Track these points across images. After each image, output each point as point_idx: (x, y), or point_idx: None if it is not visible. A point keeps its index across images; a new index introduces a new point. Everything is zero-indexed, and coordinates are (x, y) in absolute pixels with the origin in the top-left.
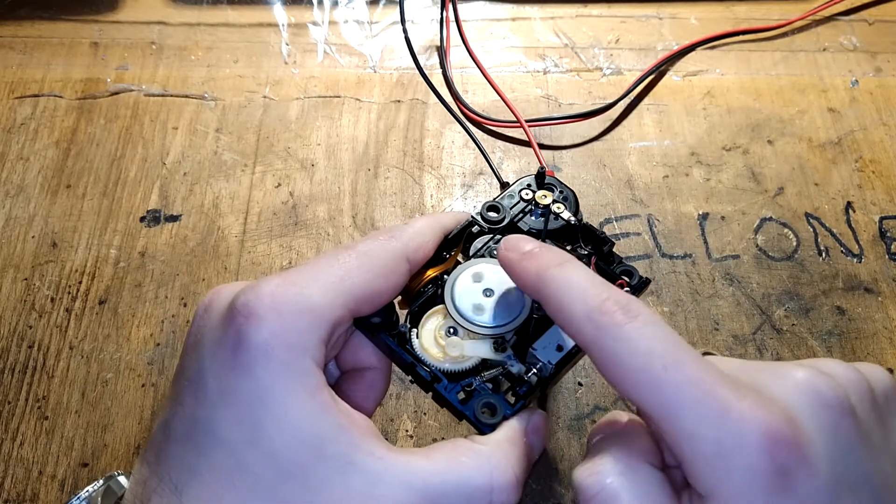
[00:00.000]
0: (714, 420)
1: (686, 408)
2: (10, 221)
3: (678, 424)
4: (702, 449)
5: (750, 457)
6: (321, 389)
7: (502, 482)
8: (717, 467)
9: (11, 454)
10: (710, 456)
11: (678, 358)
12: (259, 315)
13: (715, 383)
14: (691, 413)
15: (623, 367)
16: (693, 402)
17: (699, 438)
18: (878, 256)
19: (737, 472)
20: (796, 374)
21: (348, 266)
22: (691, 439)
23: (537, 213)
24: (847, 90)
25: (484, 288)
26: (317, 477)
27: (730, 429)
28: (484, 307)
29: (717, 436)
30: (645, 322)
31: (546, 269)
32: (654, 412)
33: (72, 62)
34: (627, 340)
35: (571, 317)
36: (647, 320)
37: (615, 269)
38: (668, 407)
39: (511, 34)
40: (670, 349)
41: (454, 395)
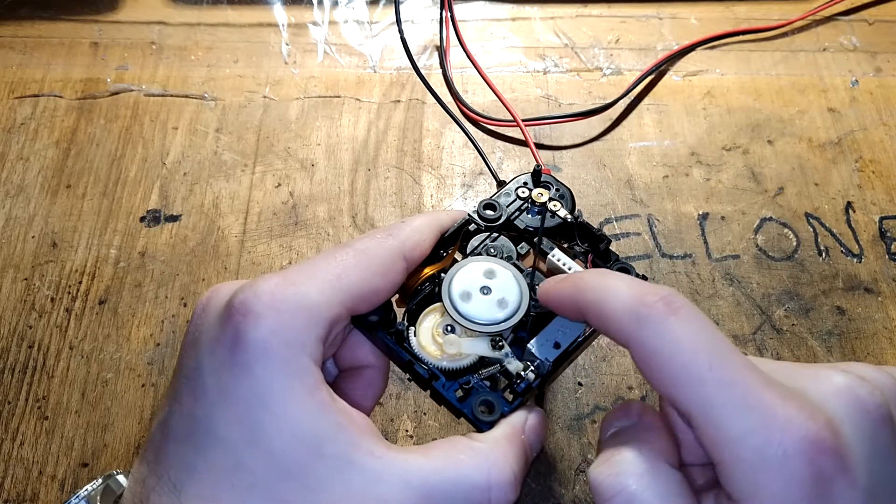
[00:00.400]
0: (759, 425)
1: (730, 410)
2: (10, 221)
3: (720, 427)
4: (744, 454)
5: (792, 464)
6: (319, 388)
7: (500, 479)
8: (757, 473)
9: (11, 454)
10: (751, 461)
11: (724, 357)
12: (257, 313)
13: (761, 386)
14: (736, 416)
15: (665, 364)
16: (738, 406)
17: (742, 443)
18: (878, 256)
19: (778, 479)
20: (836, 379)
21: (346, 264)
22: (733, 443)
23: (534, 210)
24: (847, 90)
25: (481, 286)
26: (316, 476)
27: (774, 435)
28: (481, 305)
29: (761, 442)
30: (688, 316)
31: (583, 280)
32: (695, 412)
33: (72, 62)
34: (670, 335)
35: (613, 314)
36: (690, 313)
37: (612, 267)
38: (712, 408)
39: (511, 34)
40: (716, 347)
41: (452, 393)
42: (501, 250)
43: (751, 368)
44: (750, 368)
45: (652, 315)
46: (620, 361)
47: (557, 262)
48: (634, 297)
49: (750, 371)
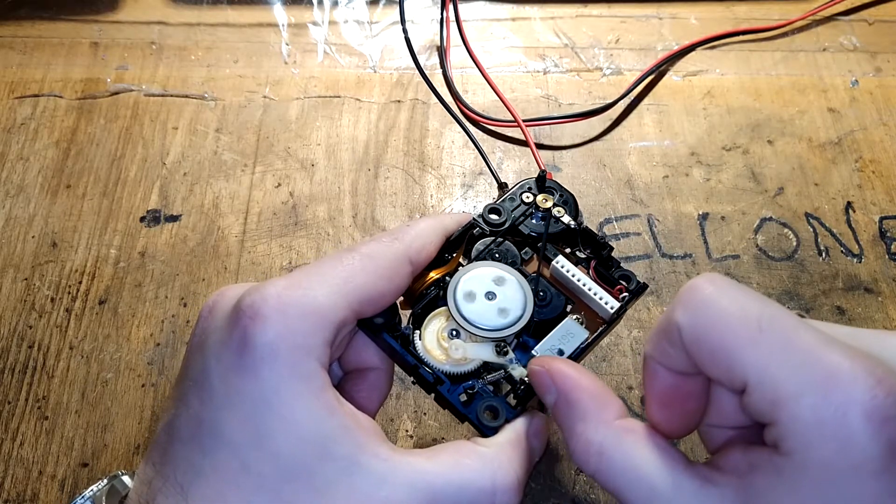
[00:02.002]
0: (818, 382)
1: (787, 369)
2: (10, 221)
3: (777, 387)
4: (800, 413)
5: (856, 426)
6: (326, 391)
7: (505, 484)
8: (812, 433)
9: (11, 454)
10: (807, 421)
11: (775, 316)
12: (265, 316)
13: (820, 344)
14: (793, 374)
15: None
16: (796, 363)
17: (798, 401)
18: (878, 256)
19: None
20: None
21: (352, 268)
22: (790, 401)
23: (538, 216)
24: (847, 90)
25: (486, 291)
26: (322, 478)
27: (835, 394)
28: (486, 310)
29: (819, 400)
30: (728, 284)
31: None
32: (751, 376)
33: (72, 62)
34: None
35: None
36: (729, 282)
37: (614, 274)
38: (766, 368)
39: (511, 34)
40: (765, 307)
41: (456, 398)
42: (506, 255)
43: (808, 328)
44: (808, 328)
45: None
46: (620, 361)
47: (561, 268)
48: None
49: (807, 330)
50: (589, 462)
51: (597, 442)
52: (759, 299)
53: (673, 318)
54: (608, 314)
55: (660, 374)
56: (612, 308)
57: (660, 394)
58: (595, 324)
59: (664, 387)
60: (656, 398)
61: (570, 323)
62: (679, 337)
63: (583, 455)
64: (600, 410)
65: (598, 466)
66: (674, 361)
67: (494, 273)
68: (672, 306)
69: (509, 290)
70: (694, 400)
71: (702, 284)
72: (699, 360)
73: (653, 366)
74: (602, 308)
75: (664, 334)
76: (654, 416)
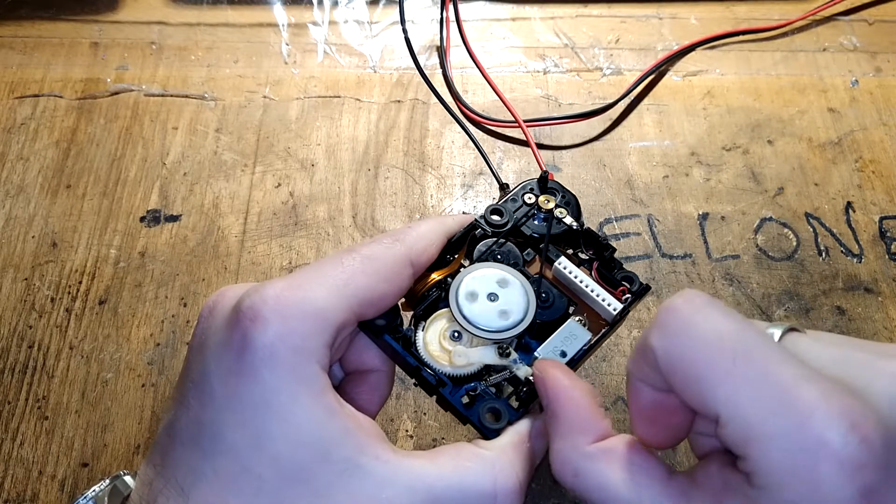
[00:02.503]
0: (792, 427)
1: (760, 407)
2: (10, 221)
3: (749, 425)
4: (772, 454)
5: (829, 471)
6: (326, 393)
7: (506, 487)
8: (784, 477)
9: (11, 454)
10: (779, 463)
11: (752, 347)
12: (264, 318)
13: (796, 380)
14: (766, 414)
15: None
16: (769, 402)
17: (770, 443)
18: (878, 256)
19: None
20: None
21: (353, 269)
22: (761, 442)
23: (540, 217)
24: (847, 90)
25: (488, 292)
26: (322, 481)
27: (809, 436)
28: (488, 311)
29: (792, 445)
30: (706, 305)
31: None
32: (722, 411)
33: (72, 62)
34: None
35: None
36: (707, 303)
37: (616, 276)
38: (737, 405)
39: (511, 34)
40: (741, 336)
41: (458, 400)
42: (508, 256)
43: (786, 360)
44: (785, 360)
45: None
46: (620, 361)
47: (564, 269)
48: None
49: (784, 362)
50: (566, 479)
51: (573, 461)
52: (737, 325)
53: (648, 342)
54: (611, 316)
55: (642, 391)
56: (615, 309)
57: (642, 410)
58: (598, 325)
59: (646, 403)
60: (639, 414)
61: (572, 325)
62: (655, 360)
63: (559, 470)
64: (582, 430)
65: (574, 485)
66: (653, 380)
67: (498, 275)
68: (650, 327)
69: (512, 293)
70: (677, 415)
71: (679, 306)
72: (673, 385)
73: (634, 382)
74: (604, 309)
75: (643, 355)
76: (639, 430)
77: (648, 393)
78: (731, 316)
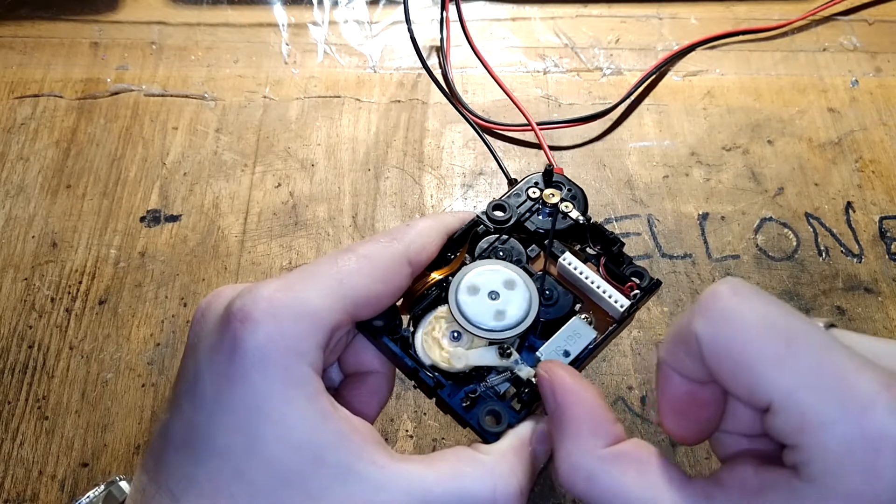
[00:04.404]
0: (852, 412)
1: (817, 393)
2: (10, 221)
3: (805, 412)
4: (829, 442)
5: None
6: (319, 396)
7: (506, 494)
8: (841, 464)
9: (11, 454)
10: (836, 451)
11: (803, 333)
12: (255, 319)
13: (851, 367)
14: (823, 400)
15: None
16: (826, 388)
17: (828, 430)
18: (878, 256)
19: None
20: None
21: (348, 269)
22: (819, 430)
23: (545, 212)
24: (847, 90)
25: (489, 291)
26: (316, 485)
27: (871, 425)
28: (485, 309)
29: (852, 431)
30: (752, 292)
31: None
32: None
33: (72, 62)
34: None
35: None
36: (753, 290)
37: (625, 271)
38: (794, 392)
39: (511, 34)
40: (793, 321)
41: (458, 402)
42: (511, 253)
43: (839, 347)
44: (838, 347)
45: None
46: (620, 361)
47: (569, 265)
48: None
49: (838, 349)
50: (576, 485)
51: (585, 466)
52: (785, 311)
53: (692, 328)
54: (618, 313)
55: (674, 380)
56: (622, 306)
57: (674, 401)
58: (604, 323)
59: (679, 394)
60: (670, 405)
61: (577, 322)
62: (698, 348)
63: (569, 477)
64: (595, 433)
65: (587, 491)
66: (690, 370)
67: (507, 275)
68: (691, 313)
69: (515, 296)
70: (710, 409)
71: (724, 292)
72: (718, 374)
73: (667, 371)
74: (612, 306)
75: (682, 343)
76: (667, 422)
77: (681, 384)
78: (779, 303)
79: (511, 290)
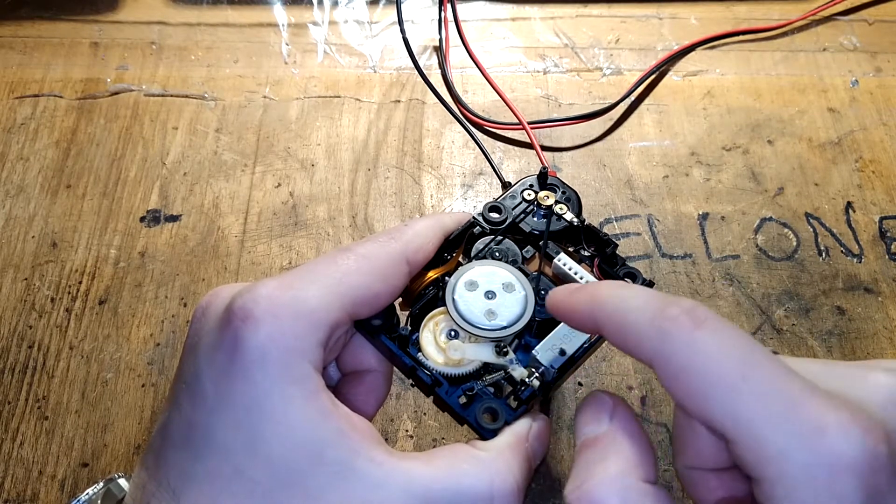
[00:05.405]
0: (807, 439)
1: (772, 423)
2: (10, 221)
3: (762, 442)
4: (790, 470)
5: (845, 482)
6: (319, 393)
7: (503, 490)
8: (804, 491)
9: (11, 454)
10: (797, 478)
11: (758, 364)
12: (256, 318)
13: (805, 394)
14: (779, 429)
15: (694, 379)
16: (780, 417)
17: (787, 458)
18: (878, 256)
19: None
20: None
21: (347, 268)
22: (777, 459)
23: (539, 213)
24: (847, 90)
25: (486, 290)
26: (316, 483)
27: (825, 449)
28: (486, 310)
29: (809, 457)
30: (716, 327)
31: (598, 292)
32: (731, 427)
33: (72, 62)
34: (697, 347)
35: (632, 330)
36: (716, 324)
37: (618, 272)
38: (750, 422)
39: (511, 34)
40: (749, 354)
41: (455, 400)
42: (506, 254)
43: (791, 375)
44: (790, 375)
45: (676, 329)
46: (620, 361)
47: (563, 266)
48: (656, 311)
49: (790, 378)
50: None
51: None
52: (741, 339)
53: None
54: None
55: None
56: None
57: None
58: None
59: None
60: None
61: None
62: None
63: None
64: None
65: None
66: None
67: (507, 277)
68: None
69: (511, 299)
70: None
71: (682, 319)
72: (676, 397)
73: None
74: None
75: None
76: None
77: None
78: (735, 329)
79: (507, 293)
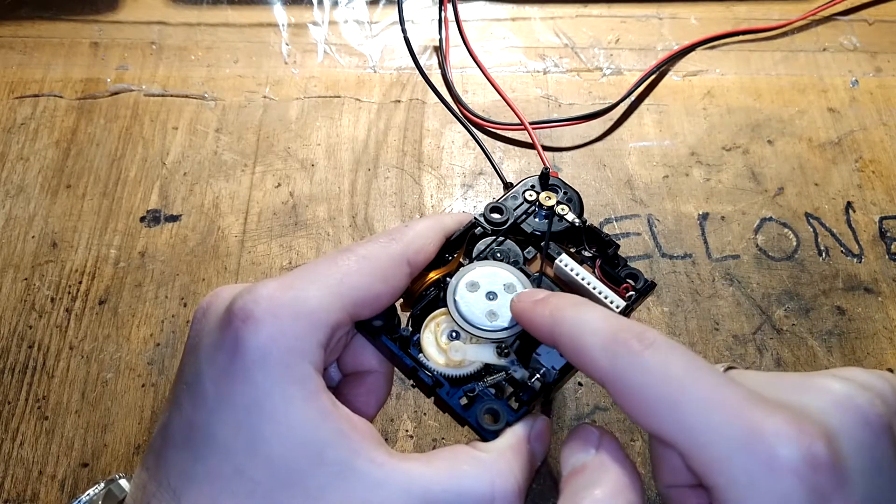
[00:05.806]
0: (745, 443)
1: (712, 432)
2: (10, 221)
3: (705, 451)
4: (735, 475)
5: (785, 483)
6: (320, 394)
7: (504, 491)
8: (750, 494)
9: (11, 454)
10: (743, 483)
11: (697, 377)
12: (256, 318)
13: (741, 402)
14: (718, 437)
15: (640, 396)
16: (719, 425)
17: (730, 464)
18: (878, 256)
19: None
20: (834, 388)
21: (348, 269)
22: (721, 465)
23: (541, 214)
24: (847, 90)
25: (487, 291)
26: (316, 483)
27: (763, 451)
28: (487, 311)
29: (749, 461)
30: (661, 348)
31: (559, 310)
32: (678, 439)
33: (72, 62)
34: (644, 367)
35: (586, 350)
36: (663, 346)
37: (620, 273)
38: (692, 432)
39: (511, 34)
40: (689, 371)
41: (456, 401)
42: (508, 254)
43: (729, 385)
44: (732, 386)
45: (625, 351)
46: None
47: (565, 267)
48: (609, 334)
49: (731, 389)
50: None
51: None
52: (685, 357)
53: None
54: None
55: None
56: (618, 307)
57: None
58: None
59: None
60: None
61: None
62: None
63: None
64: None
65: None
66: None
67: (509, 279)
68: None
69: (510, 291)
70: None
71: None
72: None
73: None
74: (607, 307)
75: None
76: None
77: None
78: (678, 347)
79: (510, 292)
